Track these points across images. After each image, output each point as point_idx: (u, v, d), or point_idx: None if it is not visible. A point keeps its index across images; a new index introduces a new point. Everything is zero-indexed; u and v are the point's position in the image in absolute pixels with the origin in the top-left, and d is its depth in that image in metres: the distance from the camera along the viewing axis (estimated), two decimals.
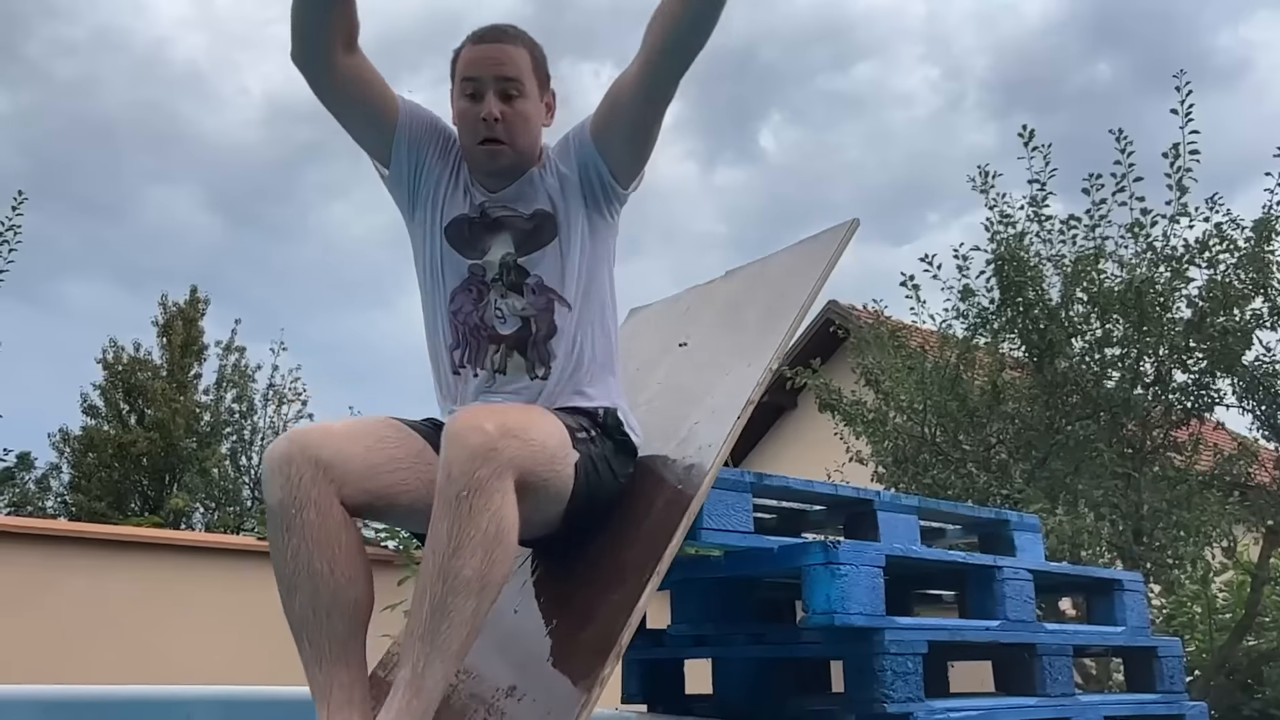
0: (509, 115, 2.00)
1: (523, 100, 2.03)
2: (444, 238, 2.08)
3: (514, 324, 2.07)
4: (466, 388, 2.10)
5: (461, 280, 2.08)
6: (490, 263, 2.06)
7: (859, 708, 2.38)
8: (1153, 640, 3.13)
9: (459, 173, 2.12)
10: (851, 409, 7.38)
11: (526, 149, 2.06)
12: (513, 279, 2.05)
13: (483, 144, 2.01)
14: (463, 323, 2.08)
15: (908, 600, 3.21)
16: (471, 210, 2.08)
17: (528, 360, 2.07)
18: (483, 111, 1.99)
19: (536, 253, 2.05)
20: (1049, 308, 6.64)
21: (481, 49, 2.03)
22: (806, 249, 3.02)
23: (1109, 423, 6.55)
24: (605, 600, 2.12)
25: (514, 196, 2.08)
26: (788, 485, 2.77)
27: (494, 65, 2.00)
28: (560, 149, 2.11)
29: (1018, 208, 6.90)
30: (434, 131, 2.12)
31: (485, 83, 1.99)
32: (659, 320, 3.55)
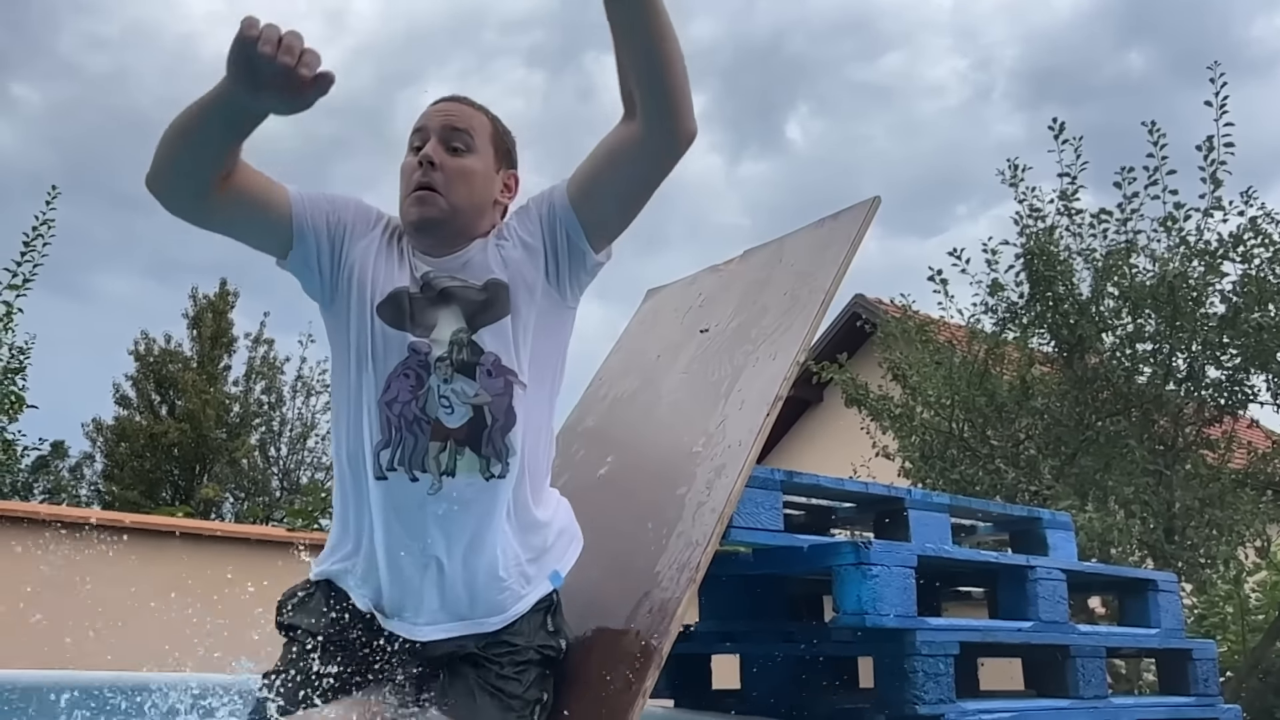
0: (449, 166, 1.77)
1: (470, 156, 1.80)
2: (376, 314, 1.75)
3: (464, 413, 1.74)
4: (398, 496, 1.73)
5: (400, 362, 1.74)
6: (438, 340, 1.74)
7: (890, 708, 2.37)
8: (1187, 643, 3.10)
9: (396, 245, 1.83)
10: (878, 404, 7.34)
11: (467, 209, 1.79)
12: (464, 358, 1.74)
13: (414, 192, 1.77)
14: (398, 415, 1.73)
15: (938, 598, 3.19)
16: (412, 283, 1.78)
17: (482, 458, 1.74)
18: (420, 154, 1.77)
19: (492, 326, 1.76)
20: (1079, 302, 6.57)
21: (436, 105, 1.85)
22: (827, 229, 2.97)
23: (1140, 419, 6.48)
24: (642, 608, 2.11)
25: (461, 266, 1.79)
26: (818, 483, 2.76)
27: (444, 116, 1.81)
28: (522, 216, 1.85)
29: (1047, 201, 6.83)
30: (346, 211, 1.84)
31: (431, 132, 1.79)
32: (677, 303, 3.52)
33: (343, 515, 1.80)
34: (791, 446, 12.13)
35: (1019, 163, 6.87)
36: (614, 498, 2.73)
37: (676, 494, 2.40)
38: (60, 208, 7.46)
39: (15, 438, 8.17)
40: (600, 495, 2.82)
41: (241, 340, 16.72)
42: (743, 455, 2.32)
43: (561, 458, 3.21)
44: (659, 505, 2.42)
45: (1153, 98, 24.99)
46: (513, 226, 1.84)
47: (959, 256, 7.04)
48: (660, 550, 2.23)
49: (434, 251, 1.80)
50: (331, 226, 1.80)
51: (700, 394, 2.81)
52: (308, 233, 1.77)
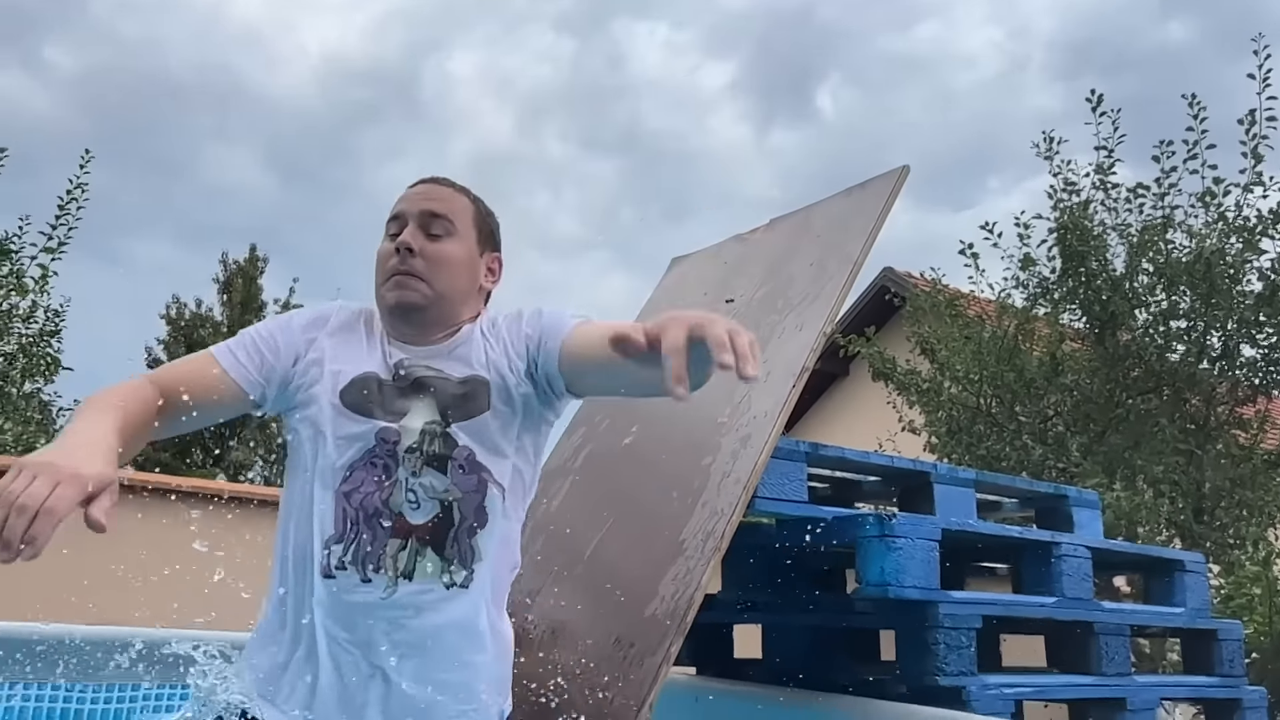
0: (429, 251, 1.64)
1: (451, 241, 1.67)
2: (340, 398, 1.61)
3: (431, 509, 1.58)
4: (346, 598, 1.55)
5: (365, 451, 1.58)
6: (408, 429, 1.59)
7: (911, 679, 2.38)
8: (1213, 623, 3.08)
9: (366, 331, 1.69)
10: (905, 378, 7.31)
11: (449, 295, 1.66)
12: (436, 450, 1.59)
13: (392, 277, 1.64)
14: (357, 507, 1.57)
15: (961, 572, 3.19)
16: (384, 369, 1.64)
17: (444, 560, 1.58)
18: (398, 241, 1.64)
19: (467, 422, 1.61)
20: (1113, 278, 6.48)
21: (414, 188, 1.74)
22: (855, 198, 2.93)
23: (1172, 397, 6.40)
24: (666, 576, 2.12)
25: (441, 355, 1.66)
26: (843, 456, 2.75)
27: (423, 201, 1.69)
28: (514, 328, 1.70)
29: (1083, 175, 6.73)
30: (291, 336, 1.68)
31: (409, 217, 1.67)
32: (702, 272, 3.51)
33: (280, 607, 1.62)
34: (816, 420, 12.09)
35: (1054, 135, 6.76)
36: (639, 467, 2.74)
37: (701, 464, 2.40)
38: (93, 172, 7.54)
39: (52, 399, 8.32)
40: (625, 465, 2.83)
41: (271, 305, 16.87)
42: (768, 426, 2.31)
43: (585, 428, 3.23)
44: (684, 475, 2.42)
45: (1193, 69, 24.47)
46: (503, 334, 1.69)
47: (990, 230, 6.96)
48: (685, 519, 2.24)
49: (412, 339, 1.66)
50: (280, 359, 1.65)
51: None
52: (265, 384, 1.63)
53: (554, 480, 3.09)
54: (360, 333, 1.69)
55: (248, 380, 1.61)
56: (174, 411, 1.56)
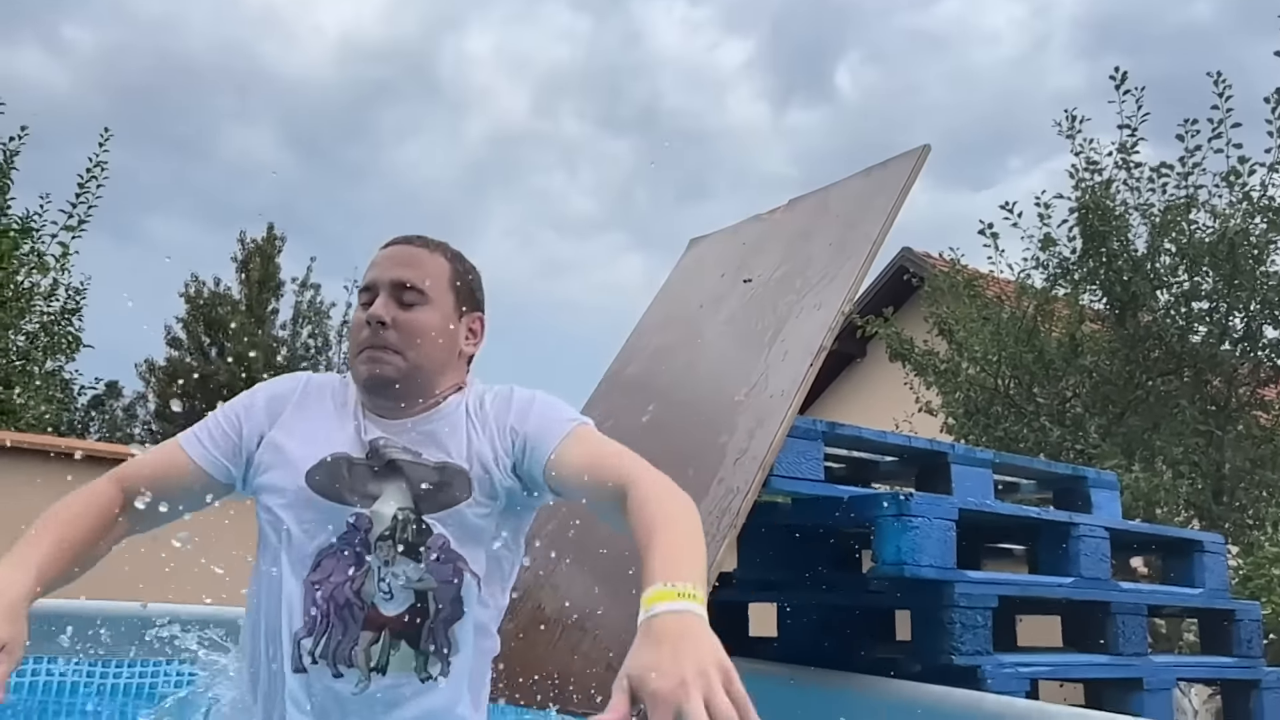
0: (402, 322, 1.55)
1: (426, 309, 1.57)
2: (308, 481, 1.52)
3: (405, 599, 1.51)
4: (317, 693, 1.49)
5: (335, 538, 1.51)
6: (380, 514, 1.51)
7: (926, 658, 2.38)
8: (1231, 603, 3.07)
9: (339, 403, 1.61)
10: (923, 359, 7.27)
11: (426, 366, 1.57)
12: (409, 538, 1.52)
13: (364, 351, 1.56)
14: (327, 598, 1.50)
15: (978, 553, 3.18)
16: (357, 447, 1.56)
17: (419, 653, 1.51)
18: (367, 313, 1.55)
19: (442, 513, 1.53)
20: (1134, 259, 6.42)
21: (386, 251, 1.63)
22: (875, 178, 2.92)
23: (1193, 378, 6.35)
24: None
25: (418, 435, 1.57)
26: (860, 435, 2.75)
27: (394, 268, 1.58)
28: (502, 410, 1.60)
29: (1105, 154, 6.65)
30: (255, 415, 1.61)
31: (381, 287, 1.57)
32: (720, 252, 3.50)
33: (252, 688, 1.56)
34: (833, 401, 12.07)
35: (1077, 114, 6.69)
36: (655, 445, 2.74)
37: (718, 442, 2.41)
38: (112, 150, 7.57)
39: (73, 377, 8.40)
40: (642, 443, 2.82)
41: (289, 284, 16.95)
42: (785, 405, 2.31)
43: (603, 406, 3.24)
44: (701, 453, 2.43)
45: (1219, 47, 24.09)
46: (490, 421, 1.59)
47: (1010, 210, 6.90)
48: (701, 496, 2.24)
49: (389, 413, 1.57)
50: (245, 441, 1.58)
51: (743, 344, 2.80)
52: (235, 468, 1.57)
53: None
54: (329, 406, 1.61)
55: (217, 467, 1.56)
56: (142, 511, 1.52)
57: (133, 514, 1.53)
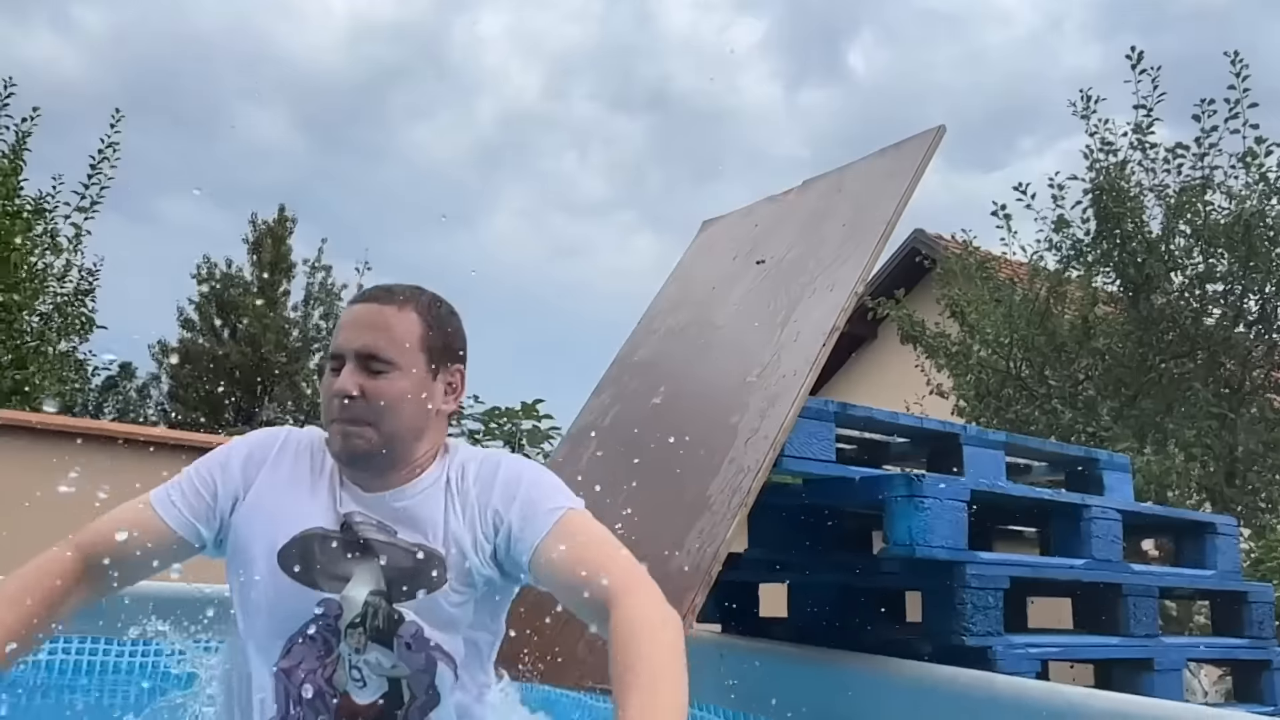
0: (372, 392, 1.48)
1: (396, 376, 1.49)
2: (279, 561, 1.48)
3: (378, 687, 1.48)
4: None
5: (303, 624, 1.46)
6: (350, 599, 1.46)
7: (937, 639, 2.39)
8: (1244, 585, 3.07)
9: (315, 468, 1.56)
10: (934, 341, 7.26)
11: (401, 435, 1.50)
12: (380, 625, 1.47)
13: (334, 423, 1.50)
14: (299, 686, 1.46)
15: (989, 535, 3.18)
16: (332, 519, 1.51)
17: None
18: (335, 385, 1.49)
19: (416, 600, 1.48)
20: (1149, 240, 6.38)
21: (353, 312, 1.54)
22: (889, 159, 2.91)
23: (1206, 361, 6.32)
24: (693, 531, 2.14)
25: (395, 511, 1.52)
26: (872, 416, 2.75)
27: (360, 334, 1.50)
28: (485, 490, 1.53)
29: (1120, 134, 6.60)
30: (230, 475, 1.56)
31: (347, 356, 1.50)
32: (733, 234, 3.50)
33: None
34: (843, 383, 12.06)
35: (1092, 94, 6.63)
36: (667, 426, 2.75)
37: (729, 422, 2.41)
38: (124, 132, 7.59)
39: (86, 358, 8.45)
40: (653, 424, 2.84)
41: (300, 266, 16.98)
42: (796, 385, 2.31)
43: (614, 388, 3.25)
44: (712, 433, 2.43)
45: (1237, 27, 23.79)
46: (472, 499, 1.52)
47: (1024, 191, 6.86)
48: (712, 476, 2.25)
49: (366, 484, 1.53)
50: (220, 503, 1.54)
51: (755, 325, 2.80)
52: (206, 530, 1.53)
53: (582, 441, 3.11)
54: (306, 472, 1.56)
55: (190, 529, 1.51)
56: (104, 578, 1.47)
57: (94, 583, 1.47)
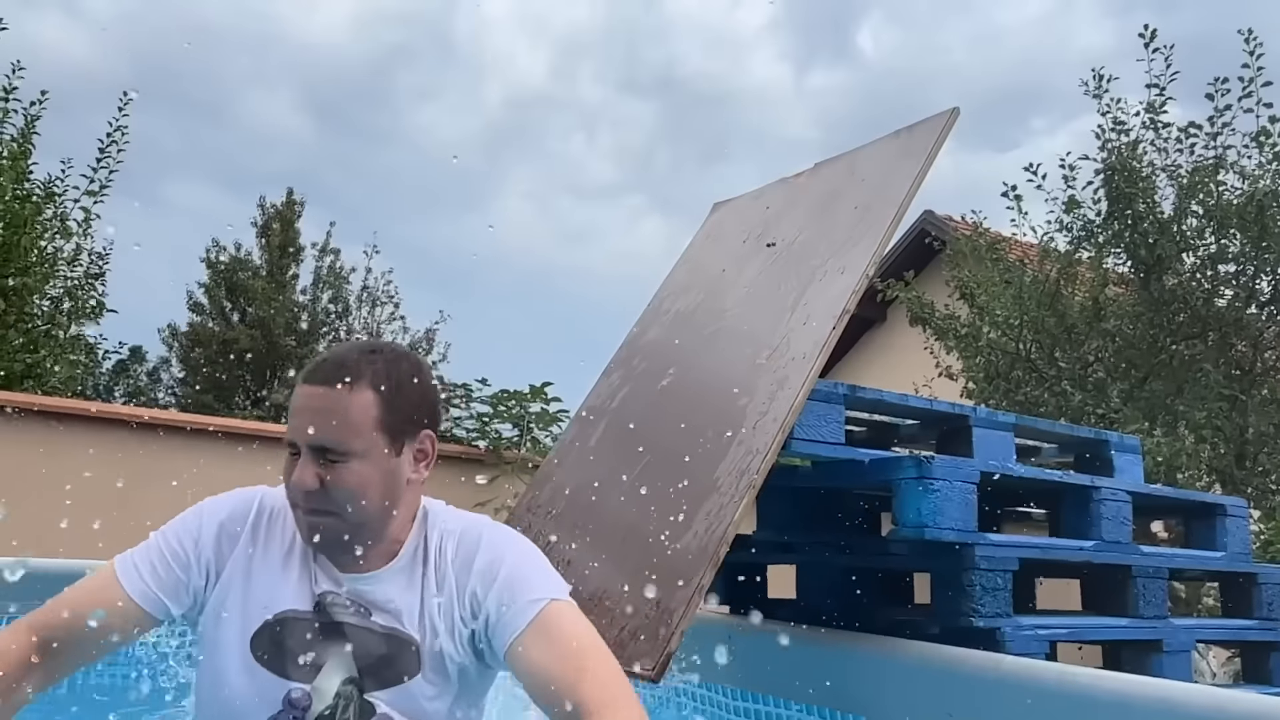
0: (331, 483, 1.40)
1: (353, 462, 1.41)
2: (251, 647, 1.43)
3: None
4: None
5: (273, 714, 1.43)
6: (321, 690, 1.41)
7: (945, 621, 2.39)
8: (1253, 567, 3.06)
9: (293, 544, 1.50)
10: (944, 323, 7.24)
11: (366, 519, 1.44)
12: (351, 718, 1.43)
13: (298, 510, 1.45)
14: None
15: (997, 517, 3.18)
16: (305, 600, 1.46)
17: None
18: (293, 477, 1.42)
19: (388, 690, 1.43)
20: (1160, 221, 6.33)
21: (302, 396, 1.43)
22: (902, 141, 2.90)
23: (1218, 342, 6.29)
24: (701, 512, 2.15)
25: (367, 592, 1.46)
26: (881, 398, 2.74)
27: (311, 423, 1.41)
28: (463, 571, 1.47)
29: (1133, 114, 6.54)
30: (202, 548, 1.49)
31: (300, 444, 1.42)
32: (744, 216, 3.49)
33: None
34: (852, 365, 12.05)
35: (1104, 73, 6.57)
36: (675, 409, 2.75)
37: (738, 405, 2.41)
38: (132, 115, 7.59)
39: (97, 341, 8.48)
40: (661, 406, 2.85)
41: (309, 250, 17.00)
42: (806, 368, 2.31)
43: (623, 370, 3.25)
44: (720, 415, 2.43)
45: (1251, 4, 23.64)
46: (451, 582, 1.46)
47: (1035, 172, 6.82)
48: (720, 458, 2.25)
49: (340, 564, 1.48)
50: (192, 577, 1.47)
51: (765, 307, 2.79)
52: (173, 603, 1.46)
53: (590, 422, 3.11)
54: (280, 546, 1.49)
55: (156, 605, 1.44)
56: (62, 658, 1.41)
57: (52, 665, 1.40)
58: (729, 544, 2.01)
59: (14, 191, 6.79)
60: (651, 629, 1.95)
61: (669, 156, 30.56)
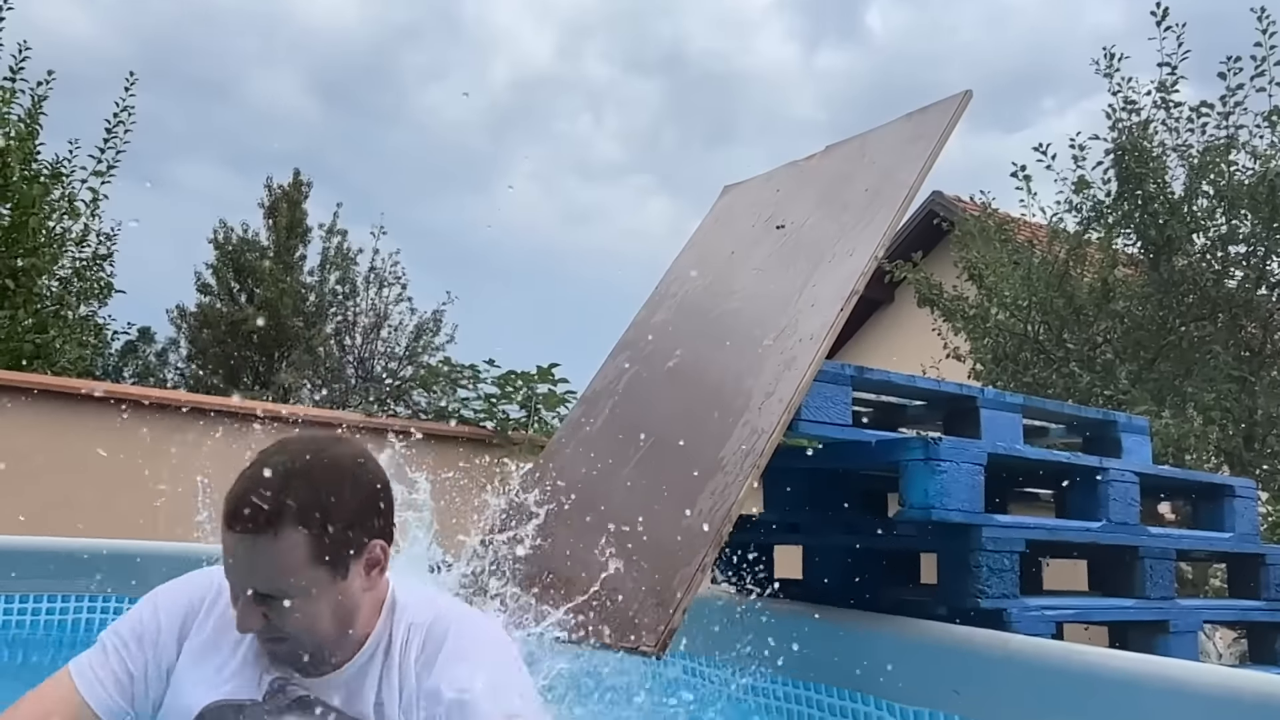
0: (275, 620, 1.34)
1: (295, 603, 1.33)
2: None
3: None
4: None
5: None
6: None
7: (952, 601, 2.39)
8: (1261, 547, 3.06)
9: (238, 643, 1.43)
10: (952, 304, 7.21)
11: (324, 641, 1.38)
12: None
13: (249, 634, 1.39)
14: None
15: (1005, 497, 3.18)
16: (256, 686, 1.40)
17: None
18: (237, 618, 1.35)
19: None
20: (1171, 201, 6.29)
21: (228, 541, 1.33)
22: (913, 124, 2.89)
23: (1227, 324, 6.26)
24: (705, 490, 2.15)
25: (329, 688, 1.41)
26: (889, 380, 2.74)
27: (240, 573, 1.33)
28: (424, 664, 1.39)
29: (1144, 93, 6.49)
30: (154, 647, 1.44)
31: (234, 586, 1.35)
32: (753, 199, 3.48)
33: None
34: (859, 348, 12.02)
35: (1115, 51, 6.52)
36: (682, 390, 2.75)
37: (744, 386, 2.41)
38: (138, 95, 7.58)
39: (106, 322, 8.50)
40: (668, 388, 2.85)
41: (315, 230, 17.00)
42: (813, 349, 2.31)
43: (630, 351, 3.24)
44: (726, 396, 2.43)
45: None
46: (411, 677, 1.39)
47: (1044, 152, 6.77)
48: (725, 438, 2.25)
49: (304, 671, 1.42)
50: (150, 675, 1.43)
51: (773, 289, 2.79)
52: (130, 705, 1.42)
53: (597, 404, 3.11)
54: (233, 638, 1.42)
55: (113, 711, 1.40)
56: None
57: None
58: (733, 522, 2.02)
59: (22, 172, 6.80)
60: (654, 606, 1.96)
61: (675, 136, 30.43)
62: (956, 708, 2.02)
